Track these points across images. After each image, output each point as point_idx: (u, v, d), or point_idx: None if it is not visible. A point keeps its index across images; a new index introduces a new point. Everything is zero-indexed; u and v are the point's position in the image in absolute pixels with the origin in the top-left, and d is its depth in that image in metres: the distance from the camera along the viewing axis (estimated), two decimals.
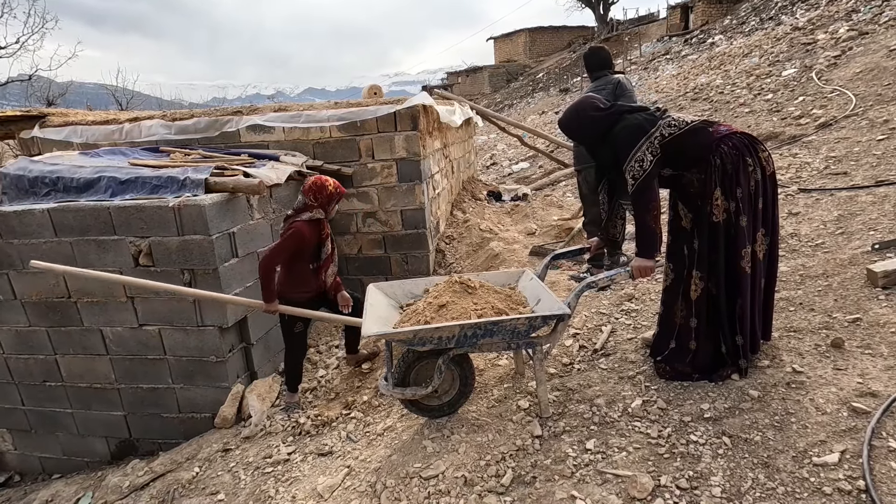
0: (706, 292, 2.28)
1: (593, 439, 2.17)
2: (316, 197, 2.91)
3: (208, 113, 4.79)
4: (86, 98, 18.88)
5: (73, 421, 3.70)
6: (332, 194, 2.93)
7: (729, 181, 2.11)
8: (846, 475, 1.70)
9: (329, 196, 2.92)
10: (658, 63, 17.57)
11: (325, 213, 2.96)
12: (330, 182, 2.94)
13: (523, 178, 9.44)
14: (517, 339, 2.34)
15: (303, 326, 3.19)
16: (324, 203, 2.92)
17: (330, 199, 2.93)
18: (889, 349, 2.21)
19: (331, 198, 2.93)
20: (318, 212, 2.93)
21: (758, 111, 7.11)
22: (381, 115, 4.43)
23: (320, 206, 2.92)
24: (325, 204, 2.93)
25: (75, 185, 3.36)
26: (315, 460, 2.68)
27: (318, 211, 2.93)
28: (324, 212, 2.95)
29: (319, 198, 2.92)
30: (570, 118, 2.33)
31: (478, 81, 33.18)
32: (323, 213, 2.95)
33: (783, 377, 2.21)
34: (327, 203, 2.94)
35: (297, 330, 3.15)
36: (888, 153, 4.20)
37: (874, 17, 9.13)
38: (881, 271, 2.59)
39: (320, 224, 2.97)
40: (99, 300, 3.38)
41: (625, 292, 3.39)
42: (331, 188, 2.92)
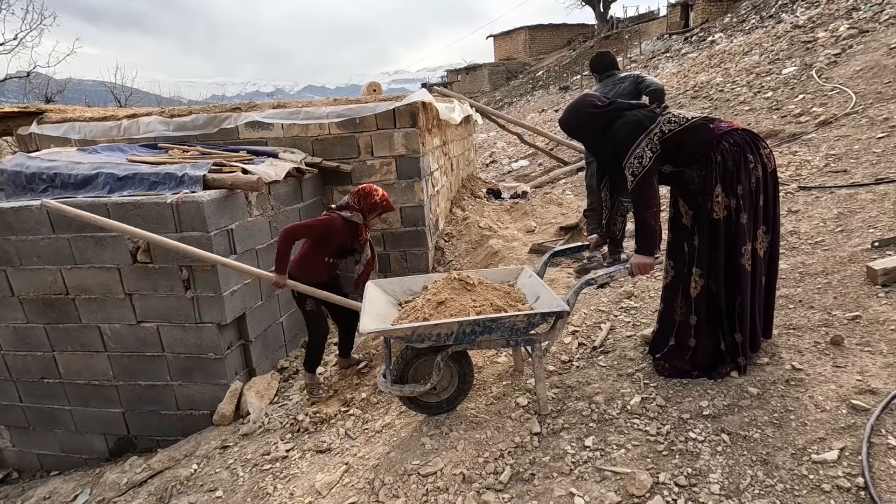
0: (706, 290, 2.27)
1: (592, 436, 2.17)
2: (359, 201, 2.92)
3: (207, 110, 4.78)
4: (84, 95, 18.83)
5: (72, 418, 3.70)
6: (375, 203, 2.92)
7: (730, 178, 2.10)
8: (845, 472, 1.70)
9: (372, 205, 2.92)
10: (658, 61, 17.54)
11: (363, 219, 2.96)
12: (378, 193, 2.93)
13: (523, 175, 9.42)
14: (516, 336, 2.33)
15: (314, 304, 3.16)
16: (365, 209, 2.92)
17: (372, 207, 2.92)
18: (888, 346, 2.20)
19: (373, 207, 2.92)
20: (357, 215, 2.94)
21: (758, 109, 7.09)
22: (381, 111, 4.42)
23: (360, 210, 2.92)
24: (365, 210, 2.93)
25: (73, 181, 3.34)
26: (313, 457, 2.68)
27: (356, 214, 2.93)
28: (362, 217, 2.94)
29: (363, 203, 2.92)
30: (570, 116, 2.32)
31: (477, 79, 33.13)
32: (361, 219, 2.95)
33: (782, 374, 2.21)
34: (368, 211, 2.93)
35: (308, 308, 3.14)
36: (888, 151, 4.20)
37: (874, 15, 9.11)
38: (881, 269, 2.58)
39: (356, 228, 2.97)
40: (97, 297, 3.37)
41: (624, 290, 3.38)
42: (377, 198, 2.92)
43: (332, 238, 2.95)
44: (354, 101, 4.71)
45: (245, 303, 3.49)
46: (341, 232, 2.94)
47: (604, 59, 4.05)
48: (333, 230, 2.92)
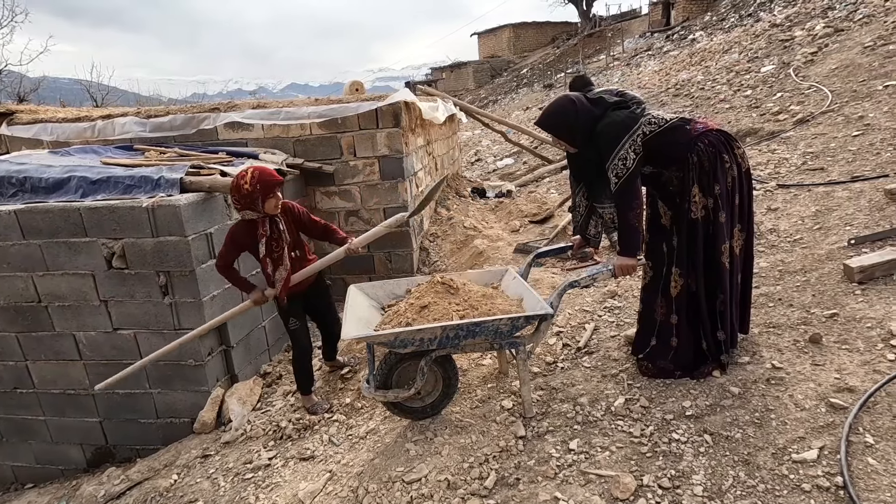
0: (686, 289, 2.29)
1: (577, 439, 2.16)
2: (236, 199, 2.58)
3: (185, 110, 4.67)
4: (60, 94, 18.35)
5: (47, 428, 3.59)
6: (248, 193, 2.51)
7: (707, 178, 2.11)
8: (824, 472, 1.72)
9: (247, 195, 2.51)
10: (640, 59, 17.70)
11: (256, 213, 2.60)
12: (247, 179, 2.51)
13: (508, 174, 9.43)
14: (500, 339, 2.32)
15: (297, 323, 2.99)
16: (246, 204, 2.55)
17: (250, 197, 2.52)
18: (865, 344, 2.24)
19: (251, 196, 2.51)
20: (247, 213, 2.59)
21: (737, 107, 7.19)
22: (363, 111, 4.37)
23: (245, 206, 2.56)
24: (248, 205, 2.55)
25: (44, 185, 3.24)
26: (296, 465, 2.63)
27: (245, 212, 2.59)
28: (253, 211, 2.58)
29: (239, 198, 2.56)
30: (550, 116, 2.31)
31: (462, 77, 33.07)
32: (254, 214, 2.59)
33: (763, 373, 2.23)
34: (251, 203, 2.54)
35: (291, 326, 2.99)
36: (863, 149, 4.28)
37: (849, 14, 9.29)
38: (857, 266, 2.63)
39: (254, 224, 2.64)
40: (71, 304, 3.27)
41: (608, 289, 3.40)
42: (246, 187, 2.50)
43: (247, 248, 2.70)
44: (336, 100, 4.65)
45: (225, 308, 3.41)
46: (244, 237, 2.66)
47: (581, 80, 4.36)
48: (234, 242, 2.68)
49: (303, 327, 3.05)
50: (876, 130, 4.53)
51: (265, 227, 2.66)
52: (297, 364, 3.08)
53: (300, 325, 3.02)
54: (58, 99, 15.80)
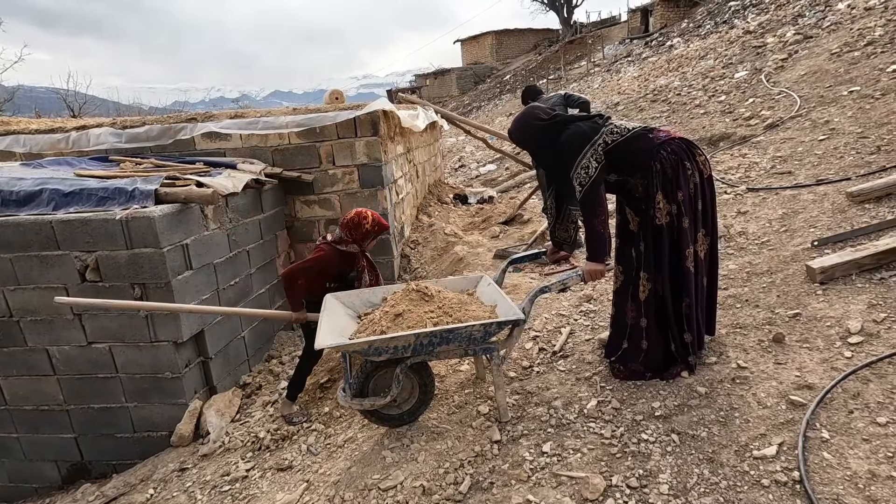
0: (654, 293, 2.35)
1: (550, 442, 2.20)
2: (351, 233, 2.90)
3: (161, 120, 4.65)
4: (35, 103, 18.04)
5: (20, 445, 3.52)
6: (367, 232, 2.91)
7: (670, 185, 2.18)
8: (783, 467, 1.78)
9: (364, 234, 2.91)
10: (620, 65, 18.02)
11: (359, 248, 2.96)
12: (368, 220, 2.91)
13: (490, 180, 9.52)
14: (474, 345, 2.35)
15: None
16: (358, 239, 2.93)
17: (365, 236, 2.92)
18: (824, 342, 2.32)
19: (366, 235, 2.92)
20: (353, 246, 2.94)
21: (712, 112, 7.37)
22: (341, 120, 4.40)
23: (354, 241, 2.93)
24: (359, 240, 2.94)
25: (14, 198, 3.19)
26: (274, 476, 2.63)
27: (352, 245, 2.93)
28: (358, 247, 2.95)
29: (355, 234, 2.90)
30: (517, 128, 2.37)
31: (446, 83, 33.28)
32: (357, 248, 2.96)
33: (729, 373, 2.29)
34: (362, 240, 2.94)
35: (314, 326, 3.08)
36: (828, 153, 4.42)
37: (818, 21, 9.60)
38: (818, 267, 2.72)
39: (353, 256, 2.98)
40: (44, 318, 3.23)
41: (584, 294, 3.46)
42: (367, 226, 2.90)
43: (330, 270, 2.96)
44: (314, 109, 4.67)
45: (203, 319, 3.40)
46: (337, 263, 2.94)
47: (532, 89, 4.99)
48: (328, 265, 2.92)
49: None
50: (840, 135, 4.69)
51: (363, 261, 3.03)
52: (301, 370, 3.15)
53: None
54: (33, 109, 15.53)
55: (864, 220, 3.19)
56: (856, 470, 1.70)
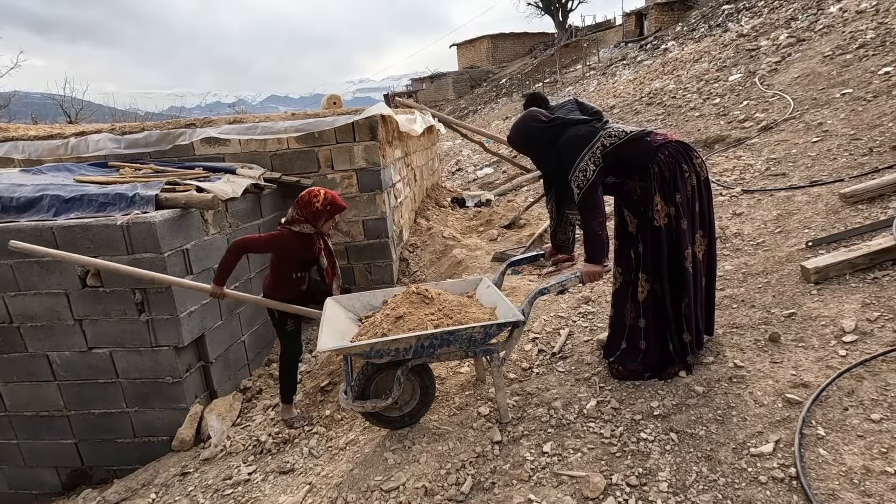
0: (652, 293, 2.38)
1: (550, 442, 2.22)
2: (302, 212, 2.78)
3: (160, 125, 4.67)
4: (32, 109, 18.01)
5: (20, 452, 3.52)
6: (318, 211, 2.75)
7: (668, 187, 2.22)
8: (780, 464, 1.81)
9: (315, 212, 2.75)
10: (616, 68, 18.13)
11: (314, 229, 2.81)
12: (320, 198, 2.76)
13: (487, 183, 9.56)
14: (474, 347, 2.38)
15: (294, 325, 3.06)
16: (311, 219, 2.78)
17: (317, 215, 2.76)
18: (819, 341, 2.36)
19: (317, 214, 2.76)
20: (306, 226, 2.79)
21: (707, 115, 7.43)
22: (339, 125, 4.43)
23: (307, 220, 2.78)
24: (311, 219, 2.78)
25: (15, 204, 3.21)
26: (276, 479, 2.64)
27: (305, 225, 2.79)
28: (312, 227, 2.80)
29: (306, 213, 2.77)
30: (517, 132, 2.40)
31: (442, 87, 33.39)
32: (311, 229, 2.81)
33: (726, 372, 2.32)
34: (314, 219, 2.78)
35: (288, 328, 3.04)
36: (821, 154, 4.48)
37: (810, 24, 9.70)
38: (813, 267, 2.76)
39: (310, 238, 2.84)
40: (44, 324, 3.24)
41: (582, 295, 3.49)
42: (318, 205, 2.74)
43: (288, 255, 2.86)
44: (313, 114, 4.70)
45: (204, 323, 3.42)
46: (294, 246, 2.82)
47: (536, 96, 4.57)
48: (285, 247, 2.82)
49: (297, 331, 3.10)
50: (833, 136, 4.75)
51: (320, 243, 2.92)
52: (286, 370, 3.11)
53: (296, 327, 3.08)
54: (29, 114, 15.51)
55: (857, 220, 3.23)
56: (851, 465, 1.73)
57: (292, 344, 3.10)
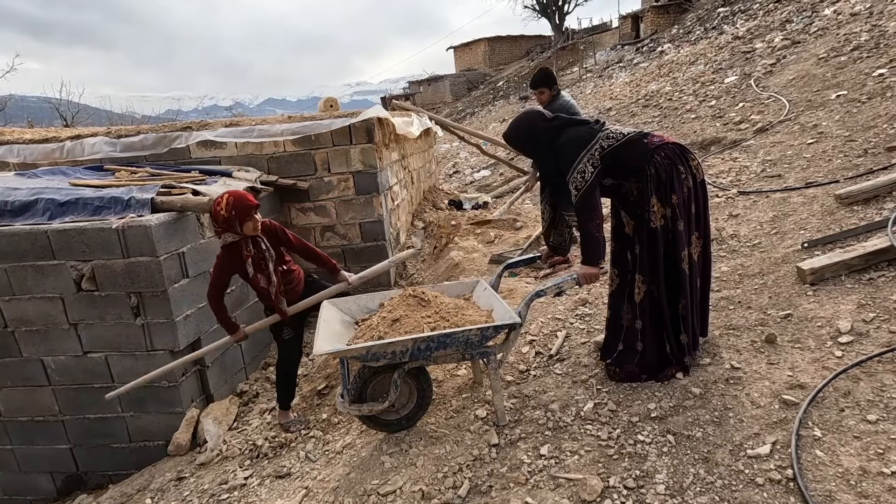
0: (649, 295, 2.38)
1: (547, 445, 2.22)
2: (215, 224, 2.64)
3: (156, 129, 4.66)
4: (28, 112, 17.97)
5: (14, 457, 3.50)
6: (227, 218, 2.58)
7: (664, 189, 2.22)
8: (777, 465, 1.80)
9: (226, 220, 2.58)
10: (612, 71, 18.19)
11: (238, 234, 2.65)
12: (222, 204, 2.59)
13: (485, 185, 9.57)
14: (471, 349, 2.37)
15: (291, 333, 3.00)
16: (226, 227, 2.61)
17: (228, 221, 2.59)
18: (815, 342, 2.36)
19: (229, 221, 2.58)
20: (228, 235, 2.64)
21: (703, 117, 7.46)
22: (336, 128, 4.43)
23: (225, 230, 2.63)
24: (228, 228, 2.61)
25: (10, 208, 3.19)
26: (273, 483, 2.63)
27: (227, 235, 2.64)
28: (234, 234, 2.64)
29: (218, 223, 2.63)
30: (515, 130, 2.40)
31: (439, 90, 33.43)
32: (236, 236, 2.65)
33: (722, 374, 2.32)
34: (230, 227, 2.61)
35: (285, 336, 2.98)
36: (817, 156, 4.49)
37: (805, 27, 9.76)
38: (808, 269, 2.76)
39: (238, 246, 2.68)
40: (39, 328, 3.22)
41: (579, 297, 3.48)
42: (223, 212, 2.57)
43: (237, 271, 2.74)
44: (309, 117, 4.69)
45: (200, 327, 3.41)
46: (229, 261, 2.70)
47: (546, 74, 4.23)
48: (223, 268, 2.70)
49: (295, 338, 3.06)
50: (828, 138, 4.77)
51: (248, 249, 2.72)
52: (283, 376, 3.07)
53: (294, 335, 3.03)
54: (25, 118, 15.47)
55: (852, 221, 3.24)
56: (847, 467, 1.73)
57: (290, 352, 3.04)
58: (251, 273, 2.73)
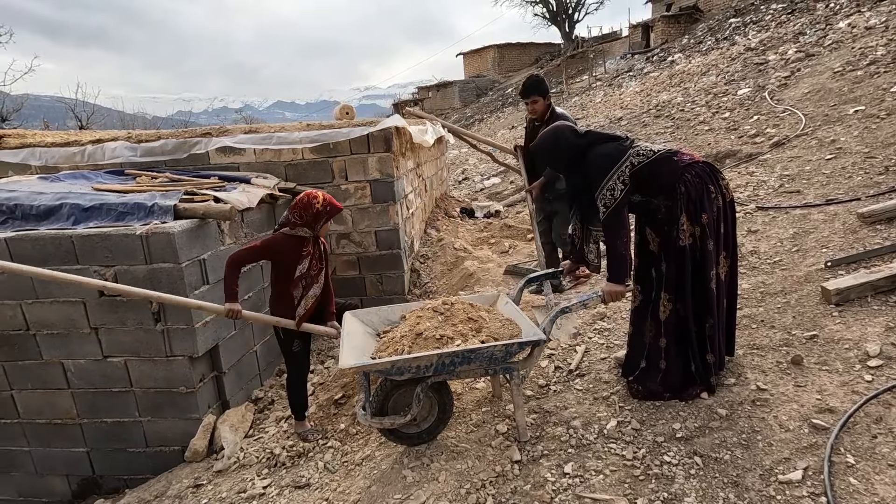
0: (675, 313, 2.37)
1: (571, 462, 2.21)
2: (301, 215, 2.74)
3: (176, 134, 4.70)
4: (42, 112, 18.19)
5: (31, 459, 3.51)
6: (318, 212, 2.73)
7: (694, 207, 2.21)
8: (809, 492, 1.79)
9: (316, 214, 2.73)
10: (622, 79, 18.18)
11: (311, 231, 2.77)
12: (319, 199, 2.74)
13: (495, 193, 9.56)
14: (494, 365, 2.37)
15: (301, 345, 3.01)
16: (310, 222, 2.75)
17: (317, 217, 2.74)
18: (843, 365, 2.34)
19: (318, 216, 2.74)
20: (302, 230, 2.75)
21: (716, 129, 7.44)
22: (355, 136, 4.45)
23: (305, 224, 2.75)
24: (311, 222, 2.75)
25: (35, 212, 3.22)
26: (292, 493, 2.62)
27: (302, 229, 2.75)
28: (310, 230, 2.76)
29: (305, 216, 2.73)
30: (549, 143, 2.40)
31: (448, 96, 33.54)
32: (308, 231, 2.76)
33: (748, 395, 2.31)
34: (314, 222, 2.75)
35: (294, 349, 2.98)
36: (836, 172, 4.47)
37: (819, 39, 9.73)
38: (834, 289, 2.74)
39: (302, 241, 2.78)
40: (60, 332, 3.24)
41: (598, 312, 3.47)
42: (318, 206, 2.73)
43: (282, 260, 2.79)
44: (328, 125, 4.72)
45: (218, 333, 3.42)
46: (287, 250, 2.75)
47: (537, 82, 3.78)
48: (277, 251, 2.76)
49: (305, 350, 3.06)
50: (848, 154, 4.74)
51: (310, 247, 2.81)
52: (295, 388, 3.06)
53: (303, 347, 3.03)
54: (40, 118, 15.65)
55: (876, 241, 3.22)
56: (883, 496, 1.71)
57: (298, 365, 3.03)
58: (301, 271, 2.78)
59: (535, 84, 3.70)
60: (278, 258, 2.80)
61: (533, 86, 3.69)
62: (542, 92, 3.69)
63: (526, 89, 3.72)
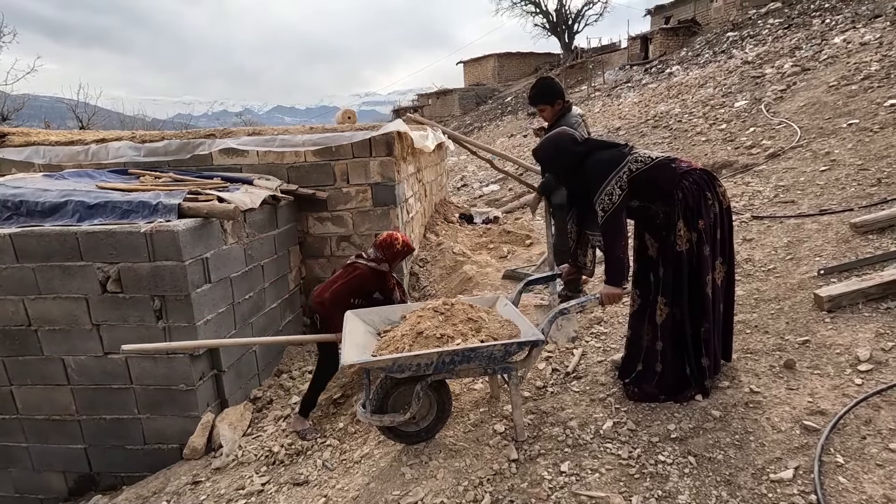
0: (671, 317, 2.42)
1: (567, 461, 2.24)
2: (384, 253, 3.14)
3: (180, 135, 4.74)
4: (42, 112, 18.22)
5: (28, 455, 3.51)
6: (397, 252, 3.16)
7: (691, 213, 2.27)
8: (800, 490, 1.83)
9: (395, 254, 3.16)
10: (621, 90, 18.38)
11: (389, 267, 3.17)
12: (398, 241, 3.16)
13: (494, 200, 9.63)
14: (493, 364, 2.40)
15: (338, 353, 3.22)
16: (389, 259, 3.16)
17: (395, 256, 3.16)
18: (834, 369, 2.39)
19: (396, 255, 3.16)
20: (385, 265, 3.14)
21: (713, 140, 7.54)
22: (357, 140, 4.50)
23: (386, 260, 3.15)
24: (390, 260, 3.17)
25: (40, 209, 3.26)
26: (290, 490, 2.64)
27: (384, 265, 3.14)
28: (388, 265, 3.16)
29: (387, 254, 3.14)
30: (547, 150, 2.46)
31: (448, 103, 33.76)
32: (388, 267, 3.16)
33: (742, 397, 2.35)
34: (392, 259, 3.17)
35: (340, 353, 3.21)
36: (830, 183, 4.55)
37: (814, 54, 9.90)
38: (826, 296, 2.80)
39: (385, 275, 3.16)
40: (61, 328, 3.26)
41: (595, 316, 3.52)
42: (398, 246, 3.15)
43: (365, 289, 3.15)
44: (331, 129, 4.78)
45: (219, 332, 3.45)
46: (372, 282, 3.15)
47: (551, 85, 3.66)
48: (365, 283, 3.11)
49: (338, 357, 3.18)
50: (841, 166, 4.83)
51: (393, 280, 3.23)
52: (319, 385, 3.21)
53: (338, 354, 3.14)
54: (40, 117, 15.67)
55: (867, 250, 3.29)
56: (871, 494, 1.75)
57: (332, 362, 3.15)
58: (397, 298, 3.21)
59: (539, 93, 3.59)
60: (371, 289, 3.18)
61: (536, 95, 3.61)
62: (547, 100, 3.56)
63: (531, 98, 3.66)
